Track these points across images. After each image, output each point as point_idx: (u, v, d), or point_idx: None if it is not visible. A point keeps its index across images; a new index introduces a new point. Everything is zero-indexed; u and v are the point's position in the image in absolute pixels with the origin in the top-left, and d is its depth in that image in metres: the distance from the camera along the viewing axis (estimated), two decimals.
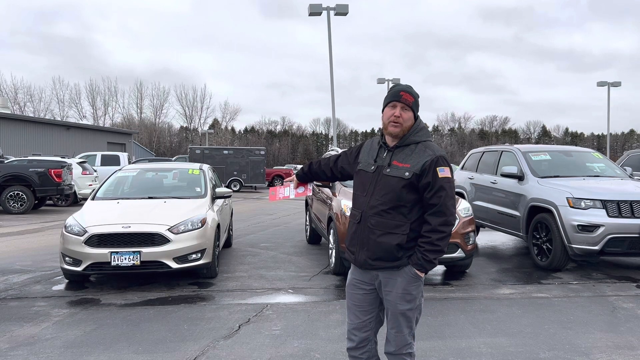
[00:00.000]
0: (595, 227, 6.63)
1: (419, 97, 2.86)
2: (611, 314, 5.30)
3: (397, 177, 2.72)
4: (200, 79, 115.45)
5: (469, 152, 10.77)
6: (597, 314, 5.32)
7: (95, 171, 18.95)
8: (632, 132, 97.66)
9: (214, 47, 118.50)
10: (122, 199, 7.19)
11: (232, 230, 9.51)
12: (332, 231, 7.00)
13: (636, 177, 8.48)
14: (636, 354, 4.24)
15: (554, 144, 73.74)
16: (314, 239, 9.50)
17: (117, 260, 5.88)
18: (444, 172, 2.71)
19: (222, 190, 7.87)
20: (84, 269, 6.00)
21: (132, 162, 23.42)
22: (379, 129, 2.89)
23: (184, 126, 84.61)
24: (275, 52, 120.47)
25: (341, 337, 4.55)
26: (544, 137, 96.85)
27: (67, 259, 6.11)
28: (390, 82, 39.50)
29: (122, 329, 4.79)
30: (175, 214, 6.43)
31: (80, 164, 18.07)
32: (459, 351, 4.26)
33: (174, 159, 30.99)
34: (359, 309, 2.88)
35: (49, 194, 15.53)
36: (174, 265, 6.06)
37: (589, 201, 6.80)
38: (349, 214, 3.05)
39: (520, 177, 7.99)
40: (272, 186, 22.76)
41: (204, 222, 6.43)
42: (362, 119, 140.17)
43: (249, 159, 28.05)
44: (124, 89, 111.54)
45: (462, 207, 6.72)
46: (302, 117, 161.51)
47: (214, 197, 7.54)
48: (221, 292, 6.08)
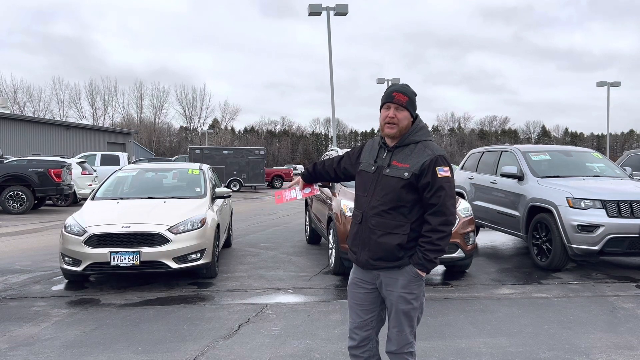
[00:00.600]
0: (595, 227, 6.63)
1: (415, 95, 2.84)
2: (611, 314, 5.30)
3: (397, 178, 2.72)
4: (199, 78, 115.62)
5: (469, 152, 10.77)
6: (597, 314, 5.32)
7: (94, 171, 18.94)
8: (631, 132, 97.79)
9: (213, 47, 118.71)
10: (122, 199, 7.19)
11: (231, 230, 9.51)
12: (332, 231, 7.00)
13: (636, 177, 8.48)
14: (636, 354, 4.24)
15: (553, 144, 73.74)
16: (314, 239, 9.50)
17: (117, 260, 5.88)
18: (444, 172, 2.70)
19: (221, 190, 7.87)
20: (84, 269, 5.99)
21: (132, 162, 23.41)
22: (379, 129, 2.88)
23: (184, 126, 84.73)
24: (274, 51, 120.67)
25: (341, 337, 4.55)
26: (544, 137, 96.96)
27: (66, 259, 6.11)
28: (389, 82, 39.51)
29: (122, 329, 4.79)
30: (174, 214, 6.43)
31: (79, 164, 18.07)
32: (458, 351, 4.26)
33: (173, 159, 30.98)
34: (360, 308, 2.89)
35: (49, 194, 15.53)
36: (174, 265, 6.06)
37: (588, 201, 6.79)
38: (351, 215, 3.06)
39: (520, 177, 7.99)
40: (271, 186, 22.57)
41: (203, 222, 6.43)
42: (362, 119, 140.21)
43: (248, 159, 28.05)
44: (123, 88, 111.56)
45: (462, 207, 6.72)
46: (302, 117, 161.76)
47: (214, 197, 7.54)
48: (221, 292, 6.08)
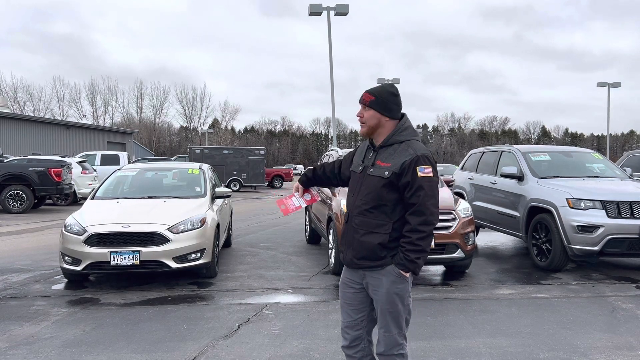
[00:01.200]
0: (594, 227, 6.63)
1: (389, 95, 2.79)
2: (610, 315, 5.30)
3: (378, 177, 2.75)
4: (199, 78, 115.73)
5: (469, 152, 10.77)
6: (597, 314, 5.32)
7: (94, 170, 18.95)
8: (632, 132, 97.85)
9: (212, 46, 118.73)
10: (122, 198, 7.19)
11: (231, 230, 9.51)
12: (331, 231, 7.00)
13: (636, 178, 8.48)
14: (635, 354, 4.24)
15: (553, 145, 73.74)
16: (314, 238, 9.50)
17: (117, 259, 5.88)
18: (424, 171, 2.69)
19: (221, 190, 7.87)
20: (84, 269, 6.00)
21: (132, 162, 23.41)
22: None
23: (184, 126, 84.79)
24: (274, 51, 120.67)
25: (340, 337, 4.54)
26: (544, 137, 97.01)
27: (66, 258, 6.11)
28: (390, 82, 39.53)
29: (122, 328, 4.79)
30: (174, 213, 6.43)
31: (80, 163, 18.08)
32: (458, 351, 4.26)
33: (173, 158, 30.98)
34: (350, 307, 2.93)
35: (49, 193, 15.53)
36: (174, 264, 6.06)
37: (588, 202, 6.80)
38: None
39: (520, 178, 7.99)
40: (271, 186, 22.45)
41: (203, 221, 6.43)
42: None
43: (248, 159, 28.05)
44: (123, 88, 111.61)
45: (462, 208, 6.72)
46: (302, 116, 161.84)
47: (214, 197, 7.54)
48: (221, 292, 6.08)
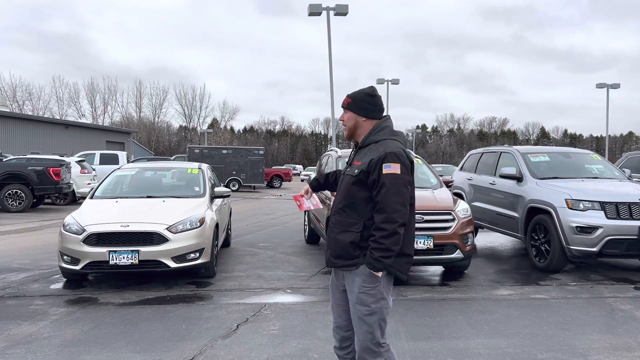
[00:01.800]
0: (593, 228, 6.64)
1: (367, 95, 2.87)
2: (609, 316, 5.31)
3: (349, 175, 2.84)
4: (197, 77, 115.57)
5: (468, 153, 10.77)
6: (595, 315, 5.32)
7: (93, 170, 18.95)
8: (630, 134, 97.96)
9: (211, 46, 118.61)
10: (121, 198, 7.18)
11: (230, 229, 9.51)
12: None
13: (635, 179, 8.49)
14: (633, 355, 4.25)
15: (552, 146, 73.79)
16: (313, 239, 9.50)
17: (116, 259, 5.88)
18: (389, 169, 2.67)
19: (220, 189, 7.87)
20: (82, 268, 5.99)
21: (131, 161, 23.40)
22: None
23: (183, 125, 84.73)
24: (273, 50, 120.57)
25: None
26: (543, 138, 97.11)
27: (65, 257, 6.11)
28: (389, 83, 39.51)
29: (120, 328, 4.79)
30: (173, 213, 6.43)
31: (79, 162, 18.07)
32: (456, 352, 4.26)
33: (172, 158, 30.95)
34: (339, 308, 2.98)
35: (48, 193, 15.53)
36: (173, 264, 6.06)
37: (587, 203, 6.80)
38: None
39: (519, 179, 8.00)
40: (270, 186, 22.43)
41: (202, 221, 6.43)
42: None
43: (247, 159, 28.04)
44: (123, 87, 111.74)
45: (461, 208, 6.73)
46: (301, 116, 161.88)
47: (213, 197, 7.54)
48: (219, 292, 6.08)
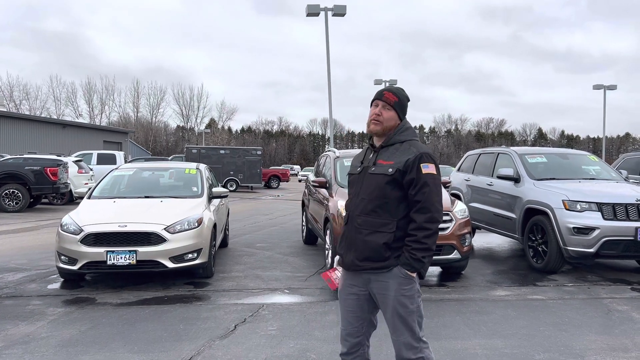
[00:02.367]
0: (590, 229, 6.66)
1: (407, 100, 2.87)
2: (606, 316, 5.33)
3: (381, 174, 2.72)
4: (194, 76, 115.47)
5: (466, 153, 10.79)
6: (592, 316, 5.34)
7: (91, 170, 18.90)
8: (627, 135, 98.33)
9: (207, 45, 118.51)
10: (119, 198, 7.18)
11: (228, 230, 9.50)
12: (328, 232, 7.00)
13: (632, 180, 8.52)
14: (630, 356, 4.26)
15: (550, 147, 73.96)
16: (311, 239, 9.50)
17: (113, 259, 5.87)
18: (428, 168, 2.69)
19: (218, 190, 7.87)
20: (80, 268, 5.98)
21: (128, 161, 23.36)
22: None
23: (181, 125, 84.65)
24: (270, 50, 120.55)
25: (337, 337, 4.52)
26: (540, 139, 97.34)
27: (62, 257, 6.10)
28: (387, 83, 39.55)
29: (118, 328, 4.78)
30: (171, 213, 6.43)
31: (76, 162, 18.02)
32: (454, 352, 4.27)
33: (170, 158, 30.92)
34: (352, 314, 2.84)
35: (45, 193, 15.48)
36: (170, 264, 6.05)
37: (584, 204, 6.82)
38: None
39: (516, 179, 8.01)
40: (268, 186, 22.33)
41: (200, 221, 6.43)
42: (359, 119, 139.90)
43: (245, 159, 28.04)
44: (120, 87, 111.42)
45: (459, 209, 6.74)
46: (298, 116, 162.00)
47: (211, 197, 7.54)
48: (217, 292, 6.08)
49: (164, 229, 6.08)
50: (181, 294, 5.96)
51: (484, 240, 10.19)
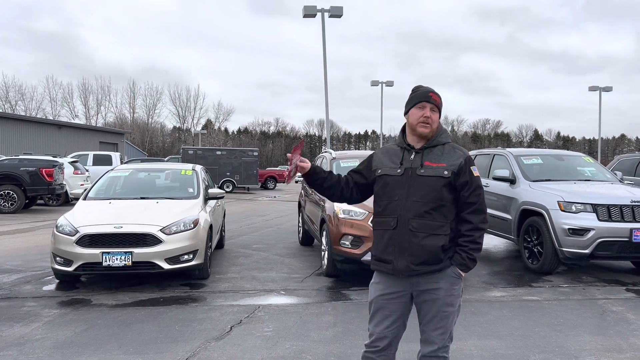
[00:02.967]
0: (585, 230, 6.68)
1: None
2: (600, 317, 5.35)
3: (436, 177, 2.70)
4: (190, 77, 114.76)
5: None
6: (587, 317, 5.36)
7: (87, 171, 18.85)
8: (623, 136, 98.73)
9: (202, 45, 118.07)
10: (114, 199, 7.16)
11: (224, 231, 9.49)
12: (324, 233, 7.01)
13: (627, 182, 8.56)
14: (624, 356, 4.28)
15: (545, 148, 74.19)
16: (307, 240, 9.50)
17: (109, 260, 5.86)
18: (477, 171, 2.80)
19: (214, 191, 7.86)
20: (75, 269, 5.97)
21: (125, 162, 23.32)
22: (372, 132, 2.90)
23: (177, 126, 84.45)
24: (265, 50, 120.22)
25: (333, 338, 4.56)
26: (536, 140, 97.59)
27: (58, 259, 6.08)
28: (384, 84, 39.60)
29: (113, 329, 4.77)
30: (167, 214, 6.42)
31: (72, 163, 17.98)
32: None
33: (166, 159, 30.89)
34: (390, 317, 2.80)
35: (40, 194, 15.43)
36: (166, 266, 6.05)
37: (579, 205, 6.85)
38: (374, 222, 2.90)
39: (512, 181, 8.04)
40: (264, 187, 22.29)
41: (196, 223, 6.42)
42: (355, 120, 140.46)
43: (242, 160, 28.03)
44: (116, 88, 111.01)
45: None
46: (295, 117, 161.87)
47: (207, 198, 7.53)
48: (213, 293, 6.07)
49: (160, 230, 6.07)
50: (177, 295, 5.95)
51: None
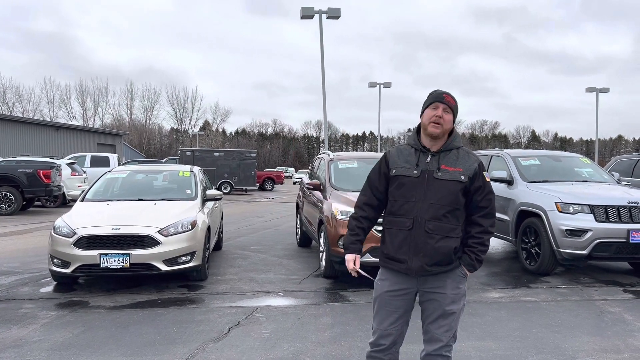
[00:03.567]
0: (583, 231, 6.70)
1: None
2: (598, 318, 5.36)
3: (454, 181, 2.77)
4: (187, 77, 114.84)
5: None
6: (585, 317, 5.37)
7: (84, 172, 18.83)
8: (620, 137, 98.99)
9: (199, 45, 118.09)
10: (112, 200, 7.15)
11: (222, 232, 9.48)
12: (322, 234, 7.01)
13: (624, 183, 8.58)
14: (622, 357, 4.29)
15: (543, 149, 74.31)
16: (305, 241, 9.50)
17: (107, 262, 5.85)
18: (488, 177, 2.91)
19: (212, 192, 7.85)
20: (73, 271, 5.95)
21: (122, 164, 23.29)
22: (370, 133, 2.91)
23: (175, 128, 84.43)
24: (263, 51, 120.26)
25: (331, 340, 4.56)
26: (534, 141, 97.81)
27: (55, 260, 6.07)
28: (381, 86, 39.64)
29: (111, 331, 4.77)
30: (165, 216, 6.41)
31: (69, 165, 17.95)
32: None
33: (164, 160, 30.86)
34: (395, 314, 2.87)
35: (38, 195, 15.41)
36: (164, 267, 6.04)
37: (577, 206, 6.86)
38: (386, 221, 2.91)
39: (509, 182, 8.05)
40: (262, 188, 22.23)
41: (194, 224, 6.41)
42: (352, 121, 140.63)
43: (239, 161, 28.00)
44: (114, 89, 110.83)
45: None
46: (292, 118, 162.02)
47: (205, 200, 7.52)
48: (211, 295, 6.06)
49: (158, 231, 6.06)
50: (175, 297, 5.95)
51: None
